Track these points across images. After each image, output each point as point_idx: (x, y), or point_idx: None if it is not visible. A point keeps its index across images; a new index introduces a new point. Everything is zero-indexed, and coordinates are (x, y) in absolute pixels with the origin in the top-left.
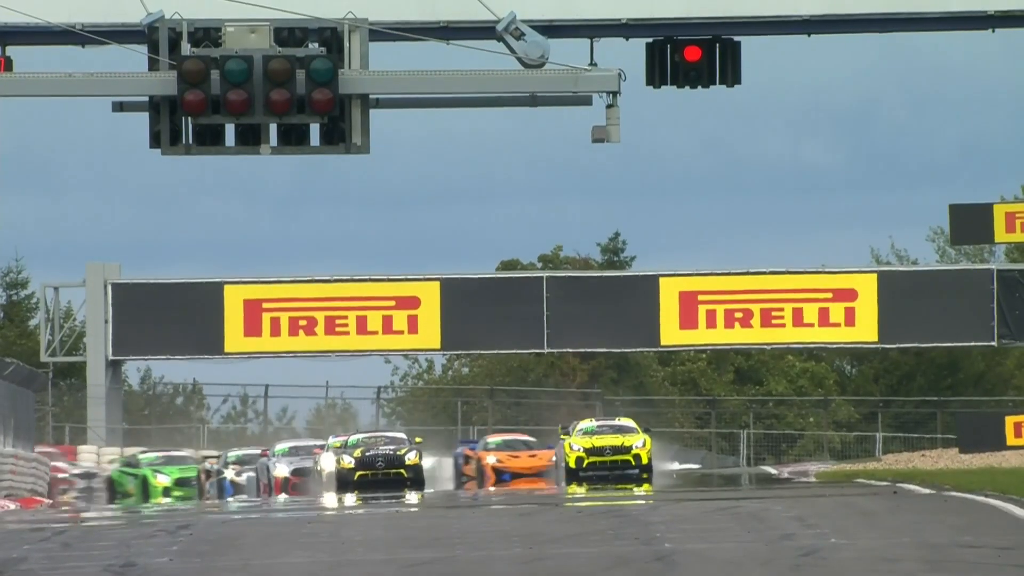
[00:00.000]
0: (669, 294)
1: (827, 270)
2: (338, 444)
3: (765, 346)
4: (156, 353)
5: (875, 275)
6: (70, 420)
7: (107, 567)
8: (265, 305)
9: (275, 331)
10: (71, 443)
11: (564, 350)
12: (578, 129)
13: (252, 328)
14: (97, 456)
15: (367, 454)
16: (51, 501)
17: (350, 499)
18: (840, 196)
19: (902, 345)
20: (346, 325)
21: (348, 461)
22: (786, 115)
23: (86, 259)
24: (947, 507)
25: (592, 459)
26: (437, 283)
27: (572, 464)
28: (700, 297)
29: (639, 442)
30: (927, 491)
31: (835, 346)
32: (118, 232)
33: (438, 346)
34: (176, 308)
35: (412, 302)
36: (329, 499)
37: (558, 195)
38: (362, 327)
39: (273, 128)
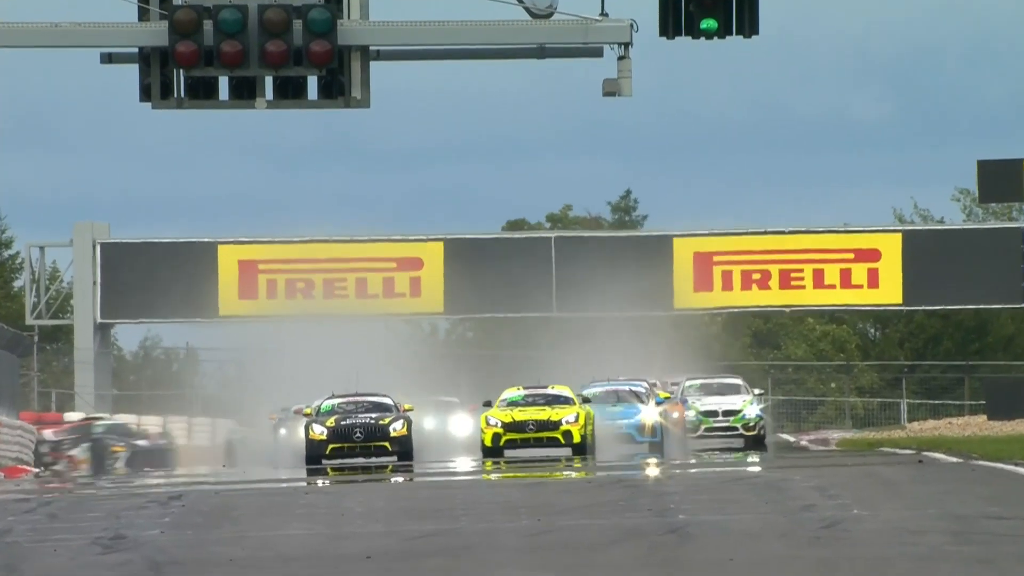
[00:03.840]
0: (683, 255)
1: (849, 229)
2: (309, 411)
3: (784, 309)
4: (146, 316)
5: (899, 234)
6: (57, 386)
7: (96, 539)
8: (261, 266)
9: (271, 293)
10: (58, 410)
11: (574, 314)
12: (588, 83)
13: (247, 290)
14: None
15: (343, 423)
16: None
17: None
18: (863, 153)
19: (928, 307)
20: (345, 288)
21: (320, 431)
22: (808, 68)
23: (73, 218)
24: (975, 477)
25: (511, 436)
26: (440, 244)
27: (488, 441)
28: (715, 258)
29: (571, 416)
30: (954, 460)
31: (857, 308)
32: (107, 190)
33: (441, 310)
34: (168, 269)
35: (414, 263)
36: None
37: (567, 152)
38: (362, 290)
39: (269, 81)
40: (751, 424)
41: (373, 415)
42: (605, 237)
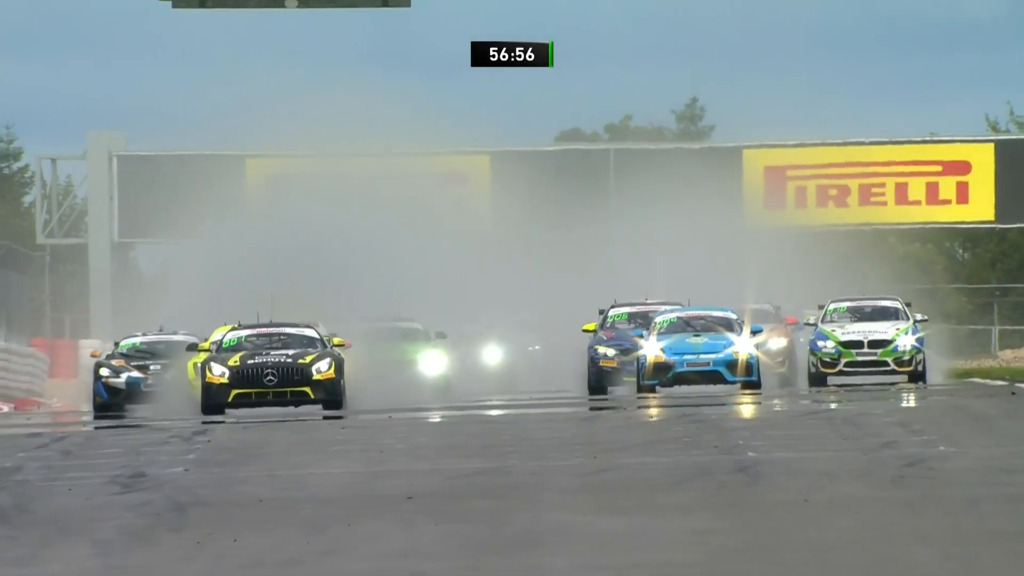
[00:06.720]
0: (754, 169)
1: (936, 139)
2: (207, 345)
3: (864, 227)
4: (167, 235)
5: (992, 145)
6: (71, 311)
7: (114, 478)
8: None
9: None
10: (72, 337)
11: (633, 234)
12: None
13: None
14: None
15: (250, 363)
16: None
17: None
18: (958, 56)
19: (1023, 225)
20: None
21: (220, 373)
22: None
23: (87, 127)
24: None
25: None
26: (487, 157)
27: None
28: (789, 172)
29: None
30: None
31: (945, 226)
32: (124, 98)
33: (488, 229)
34: (191, 184)
35: (458, 179)
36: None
37: (627, 54)
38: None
39: None
40: (905, 358)
41: (290, 352)
42: (668, 149)
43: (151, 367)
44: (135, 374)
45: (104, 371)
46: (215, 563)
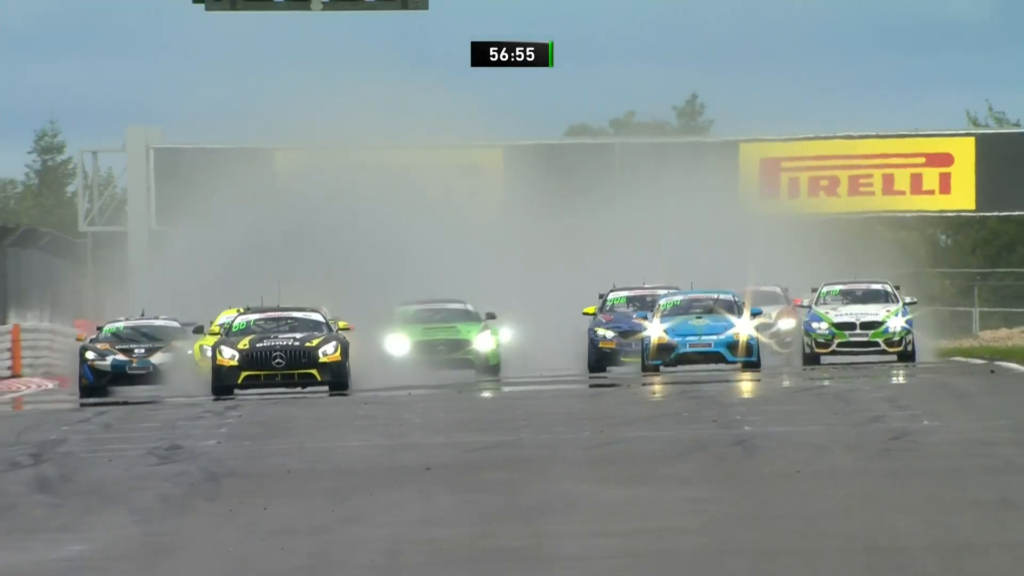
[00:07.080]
0: (749, 161)
1: (921, 133)
2: (217, 328)
3: (852, 216)
4: (203, 224)
5: (973, 138)
6: (113, 295)
7: (151, 450)
8: None
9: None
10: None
11: (636, 222)
12: None
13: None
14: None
15: (259, 346)
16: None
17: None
18: (938, 55)
19: (1002, 213)
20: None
21: (230, 355)
22: None
23: (126, 122)
24: None
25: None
26: (499, 150)
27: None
28: (783, 164)
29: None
30: None
31: (928, 215)
32: (160, 94)
33: (502, 217)
34: (224, 175)
35: (472, 171)
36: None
37: (629, 54)
38: (420, 197)
39: None
40: (895, 339)
41: (298, 335)
42: (669, 143)
43: (135, 350)
44: (120, 357)
45: (90, 354)
46: (247, 529)
